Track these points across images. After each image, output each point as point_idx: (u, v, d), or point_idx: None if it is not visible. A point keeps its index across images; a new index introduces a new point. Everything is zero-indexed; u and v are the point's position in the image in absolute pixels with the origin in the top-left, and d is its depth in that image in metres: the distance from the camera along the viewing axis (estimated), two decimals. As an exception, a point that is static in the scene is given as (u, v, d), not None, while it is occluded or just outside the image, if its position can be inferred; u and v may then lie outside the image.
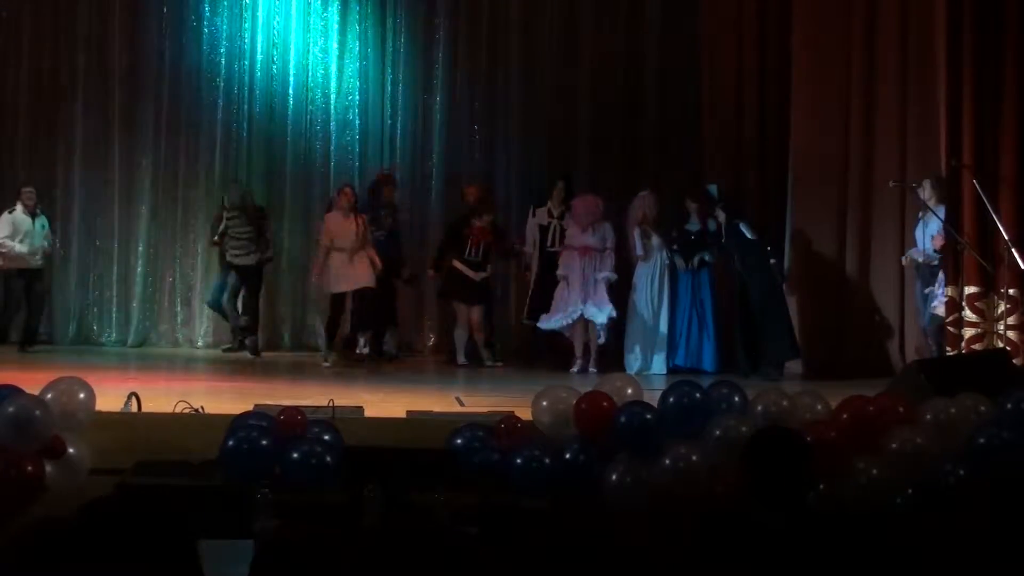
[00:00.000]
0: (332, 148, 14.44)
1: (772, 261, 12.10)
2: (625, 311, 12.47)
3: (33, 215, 12.94)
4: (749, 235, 11.93)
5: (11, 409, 6.35)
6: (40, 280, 13.21)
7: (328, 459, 6.46)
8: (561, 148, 14.25)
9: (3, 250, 12.76)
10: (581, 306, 12.18)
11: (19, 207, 12.89)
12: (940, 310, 11.06)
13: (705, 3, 13.45)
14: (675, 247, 12.40)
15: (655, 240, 12.34)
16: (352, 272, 12.31)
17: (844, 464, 6.17)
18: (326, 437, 6.67)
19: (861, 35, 12.39)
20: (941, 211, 11.27)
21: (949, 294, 11.24)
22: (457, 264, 12.74)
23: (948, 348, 11.03)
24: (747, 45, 13.08)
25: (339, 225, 12.31)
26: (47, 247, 13.16)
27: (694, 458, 6.32)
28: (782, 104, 12.84)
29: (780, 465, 4.36)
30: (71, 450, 6.60)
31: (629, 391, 6.96)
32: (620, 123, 14.30)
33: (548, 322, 12.37)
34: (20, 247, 12.81)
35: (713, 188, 12.51)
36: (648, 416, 6.53)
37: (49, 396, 6.63)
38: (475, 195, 13.15)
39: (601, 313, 12.15)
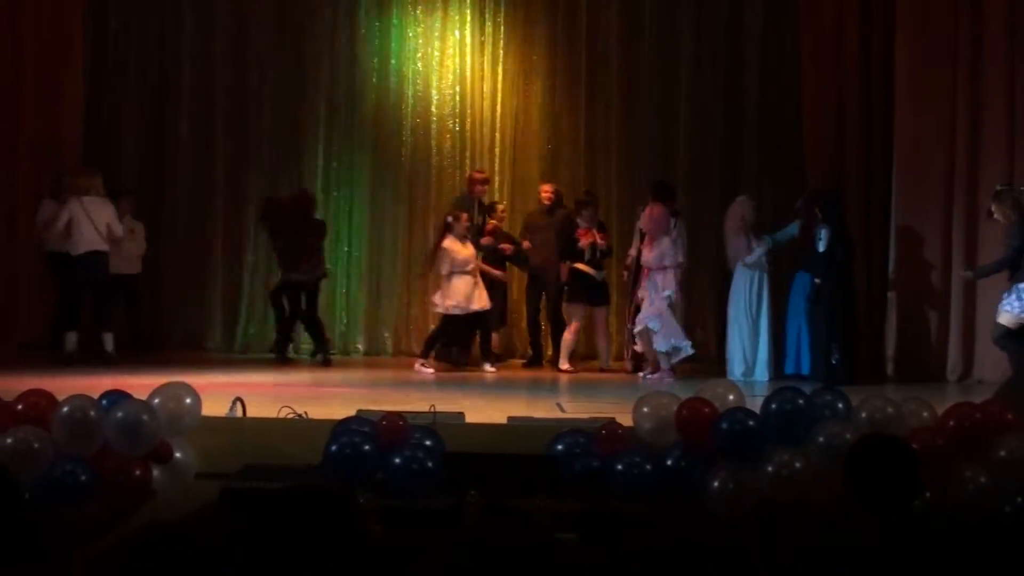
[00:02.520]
0: (433, 154, 14.52)
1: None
2: (724, 318, 12.43)
3: (121, 218, 12.95)
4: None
5: (120, 414, 6.46)
6: (135, 285, 13.33)
7: (429, 465, 6.49)
8: (662, 149, 14.22)
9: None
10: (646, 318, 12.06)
11: None
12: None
13: (804, 3, 13.32)
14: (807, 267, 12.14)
15: (756, 245, 12.18)
16: (478, 294, 12.51)
17: (952, 472, 6.08)
18: (427, 443, 6.70)
19: (967, 30, 12.20)
20: None
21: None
22: (579, 266, 12.80)
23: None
24: (848, 43, 12.91)
25: (460, 251, 12.43)
26: (138, 251, 13.28)
27: (797, 465, 6.25)
28: (885, 102, 12.69)
29: (885, 473, 4.31)
30: (178, 455, 6.70)
31: (731, 397, 6.91)
32: (720, 125, 14.22)
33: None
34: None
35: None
36: (750, 423, 6.47)
37: (156, 401, 6.73)
38: (549, 194, 13.28)
39: (665, 342, 11.98)
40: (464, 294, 12.44)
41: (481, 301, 12.55)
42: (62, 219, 12.19)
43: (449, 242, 12.48)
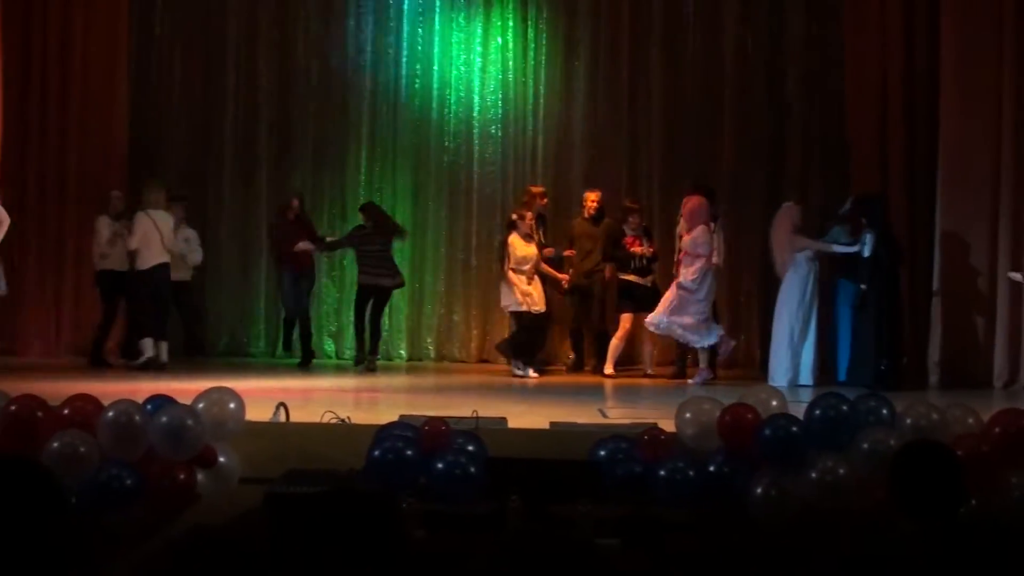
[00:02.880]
0: (475, 160, 14.54)
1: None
2: (770, 322, 12.37)
3: (176, 228, 12.98)
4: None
5: (164, 419, 6.51)
6: (187, 292, 13.36)
7: (472, 470, 6.50)
8: (705, 156, 14.18)
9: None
10: (660, 316, 12.11)
11: None
12: None
13: (848, 5, 13.26)
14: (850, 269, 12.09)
15: (807, 252, 12.10)
16: (535, 295, 12.59)
17: (997, 479, 6.03)
18: (470, 448, 6.72)
19: (1012, 31, 12.10)
20: None
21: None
22: (626, 277, 12.85)
23: None
24: (892, 45, 12.84)
25: (520, 249, 12.51)
26: (196, 259, 13.31)
27: (841, 471, 6.23)
28: (930, 105, 12.61)
29: (929, 479, 4.28)
30: (222, 459, 6.74)
31: (774, 403, 6.89)
32: (764, 129, 14.17)
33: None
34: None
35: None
36: (793, 428, 6.45)
37: (200, 406, 6.77)
38: (596, 201, 13.25)
39: (693, 336, 12.02)
40: (521, 292, 12.50)
41: (537, 303, 12.59)
42: (136, 233, 12.28)
43: (513, 238, 12.58)
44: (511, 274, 12.53)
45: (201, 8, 14.64)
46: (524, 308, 12.55)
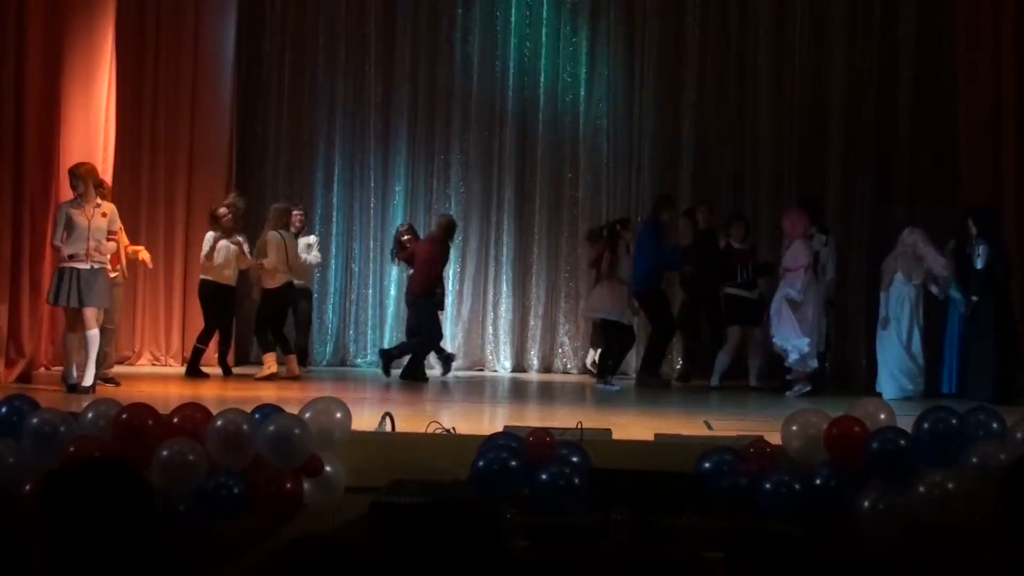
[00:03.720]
0: (580, 170, 14.54)
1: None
2: (873, 336, 12.21)
3: (297, 235, 13.15)
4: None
5: (272, 428, 6.58)
6: (307, 299, 13.54)
7: (576, 481, 6.50)
8: (812, 167, 14.06)
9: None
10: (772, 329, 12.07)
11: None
12: None
13: (960, 13, 13.05)
14: (957, 279, 11.80)
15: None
16: (623, 304, 12.53)
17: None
18: (574, 459, 6.72)
19: None
20: None
21: None
22: (732, 290, 12.79)
23: None
24: (1006, 53, 12.58)
25: (625, 259, 12.51)
26: (313, 264, 13.51)
27: (950, 485, 6.14)
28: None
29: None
30: (328, 468, 6.80)
31: (882, 416, 6.81)
32: (872, 143, 14.02)
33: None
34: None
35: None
36: (902, 442, 6.37)
37: (308, 416, 6.84)
38: (699, 215, 13.20)
39: (787, 342, 11.86)
40: (611, 302, 12.46)
41: (627, 315, 12.53)
42: (270, 253, 12.34)
43: (618, 248, 12.56)
44: (607, 283, 12.50)
45: (310, 22, 14.79)
46: (615, 318, 12.50)
